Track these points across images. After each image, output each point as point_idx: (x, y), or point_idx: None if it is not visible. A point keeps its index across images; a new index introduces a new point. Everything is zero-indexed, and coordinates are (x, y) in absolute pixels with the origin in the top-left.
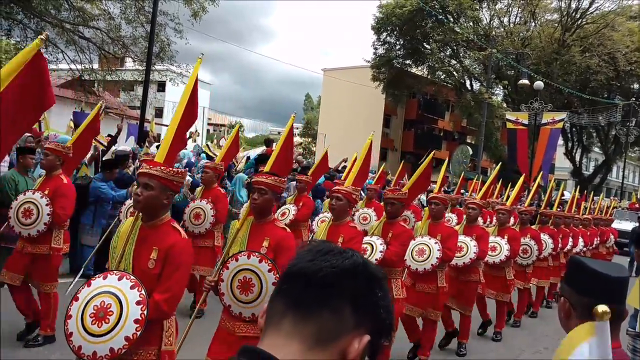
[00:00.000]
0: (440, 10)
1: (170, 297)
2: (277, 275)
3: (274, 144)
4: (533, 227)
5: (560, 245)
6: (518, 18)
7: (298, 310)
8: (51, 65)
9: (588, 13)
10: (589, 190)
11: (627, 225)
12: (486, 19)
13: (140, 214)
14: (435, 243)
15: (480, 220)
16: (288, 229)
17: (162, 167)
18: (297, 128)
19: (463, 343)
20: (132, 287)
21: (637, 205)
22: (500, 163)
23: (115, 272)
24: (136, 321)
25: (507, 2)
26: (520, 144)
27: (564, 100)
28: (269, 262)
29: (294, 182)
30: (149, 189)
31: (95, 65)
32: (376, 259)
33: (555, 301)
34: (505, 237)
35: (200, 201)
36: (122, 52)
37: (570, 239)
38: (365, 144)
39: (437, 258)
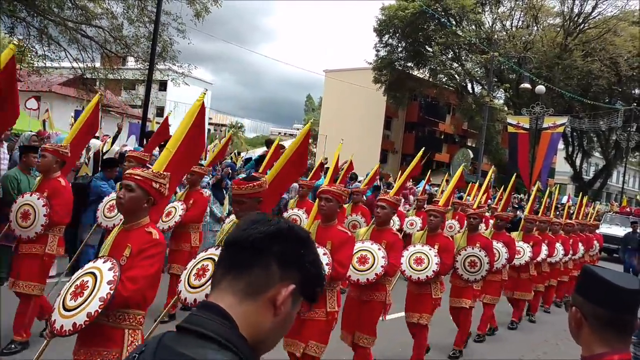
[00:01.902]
0: (443, 13)
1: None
2: None
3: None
4: (484, 232)
5: (529, 254)
6: (520, 22)
7: (232, 270)
8: (53, 64)
9: (590, 18)
10: (589, 195)
11: (617, 230)
12: (488, 22)
13: None
14: (324, 254)
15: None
16: None
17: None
18: (298, 129)
19: None
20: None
21: (628, 209)
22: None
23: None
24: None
25: (509, 6)
26: (521, 148)
27: (565, 104)
28: None
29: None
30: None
31: (98, 64)
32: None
33: (565, 308)
34: (436, 246)
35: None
36: (124, 52)
37: (545, 248)
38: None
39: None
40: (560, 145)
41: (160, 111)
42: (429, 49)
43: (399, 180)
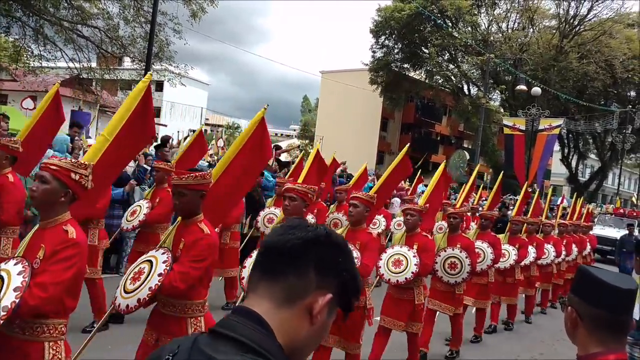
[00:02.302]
0: (439, 15)
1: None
2: None
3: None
4: (469, 233)
5: (515, 257)
6: (516, 24)
7: (269, 275)
8: (49, 63)
9: (586, 20)
10: (585, 197)
11: (611, 232)
12: (484, 24)
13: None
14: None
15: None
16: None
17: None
18: (295, 130)
19: None
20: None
21: (621, 211)
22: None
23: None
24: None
25: (505, 8)
26: (517, 149)
27: (561, 106)
28: None
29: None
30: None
31: (94, 64)
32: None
33: (561, 308)
34: (415, 246)
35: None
36: (121, 52)
37: (533, 250)
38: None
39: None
40: (556, 147)
41: (156, 112)
42: (425, 50)
43: (382, 179)
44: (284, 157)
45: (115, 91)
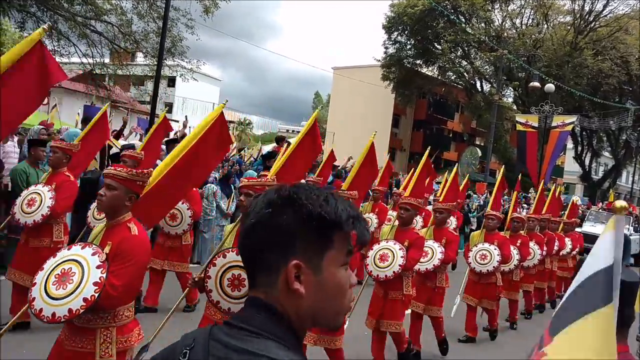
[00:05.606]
0: (452, 11)
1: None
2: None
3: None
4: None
5: (401, 262)
6: (530, 20)
7: (246, 262)
8: (63, 59)
9: (601, 16)
10: (598, 195)
11: (603, 229)
12: (498, 20)
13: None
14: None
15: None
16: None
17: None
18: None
19: None
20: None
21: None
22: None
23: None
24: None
25: (519, 4)
26: (530, 146)
27: (574, 103)
28: None
29: None
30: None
31: (107, 60)
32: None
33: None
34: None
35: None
36: (133, 47)
37: (438, 250)
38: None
39: None
40: (570, 145)
41: (169, 107)
42: (437, 46)
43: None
44: None
45: (127, 87)
